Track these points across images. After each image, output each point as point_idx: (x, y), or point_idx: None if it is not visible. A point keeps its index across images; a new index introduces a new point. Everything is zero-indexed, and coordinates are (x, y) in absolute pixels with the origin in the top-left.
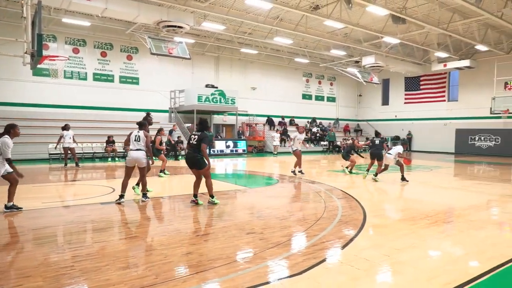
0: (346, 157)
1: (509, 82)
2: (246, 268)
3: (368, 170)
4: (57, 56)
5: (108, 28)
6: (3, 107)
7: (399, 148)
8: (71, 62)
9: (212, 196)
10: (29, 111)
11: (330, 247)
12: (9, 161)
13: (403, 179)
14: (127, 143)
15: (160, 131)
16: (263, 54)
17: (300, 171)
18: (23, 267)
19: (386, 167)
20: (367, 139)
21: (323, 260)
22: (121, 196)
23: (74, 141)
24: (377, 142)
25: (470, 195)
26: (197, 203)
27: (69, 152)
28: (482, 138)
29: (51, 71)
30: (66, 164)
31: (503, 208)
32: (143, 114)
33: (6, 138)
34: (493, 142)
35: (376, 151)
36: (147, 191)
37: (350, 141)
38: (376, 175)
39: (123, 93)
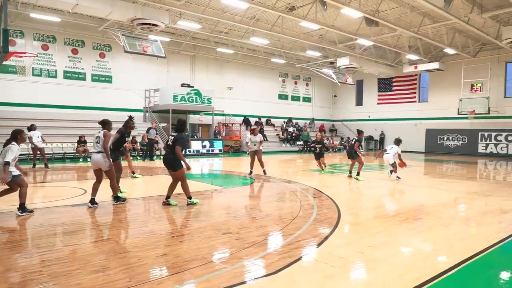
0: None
1: (475, 84)
2: (222, 269)
3: (350, 170)
4: (25, 53)
5: (80, 25)
6: None
7: (397, 149)
8: (40, 59)
9: (189, 198)
10: None
11: (305, 246)
12: (7, 165)
13: (357, 175)
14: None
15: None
16: (239, 54)
17: (250, 172)
18: None
19: (395, 167)
20: (341, 138)
21: (299, 259)
22: (92, 200)
23: (43, 141)
24: (353, 142)
25: (439, 193)
26: (168, 204)
27: (38, 152)
28: (450, 137)
29: (18, 68)
30: (34, 165)
31: (469, 205)
32: (117, 113)
33: (13, 145)
34: (460, 142)
35: (348, 150)
36: (121, 192)
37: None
38: (358, 174)
39: (95, 92)
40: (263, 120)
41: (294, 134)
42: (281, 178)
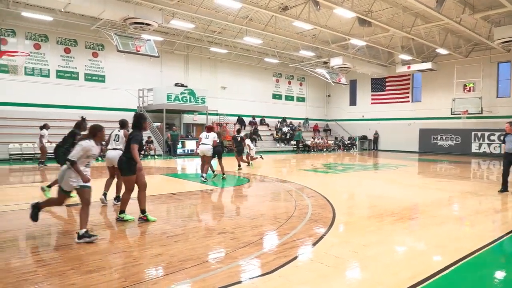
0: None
1: (467, 84)
2: (217, 268)
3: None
4: (16, 52)
5: (72, 24)
6: None
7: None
8: (32, 58)
9: (122, 212)
10: None
11: (300, 245)
12: (73, 164)
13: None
14: (108, 142)
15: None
16: (233, 54)
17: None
18: None
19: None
20: (336, 138)
21: (294, 258)
22: (104, 195)
23: (48, 141)
24: (238, 139)
25: (432, 192)
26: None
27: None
28: (444, 137)
29: (10, 67)
30: (44, 164)
31: (463, 204)
32: (110, 113)
33: (87, 142)
34: (454, 142)
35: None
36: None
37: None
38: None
39: (88, 91)
40: (257, 119)
41: (288, 134)
42: (275, 177)
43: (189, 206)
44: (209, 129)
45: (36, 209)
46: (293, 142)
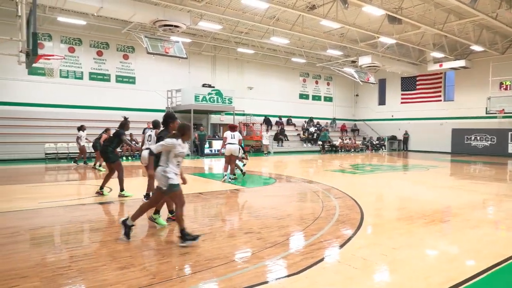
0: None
1: (504, 82)
2: (244, 268)
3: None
4: (53, 55)
5: (104, 27)
6: None
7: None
8: (67, 61)
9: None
10: (25, 111)
11: (327, 247)
12: (151, 155)
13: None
14: (142, 142)
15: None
16: (259, 54)
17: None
18: (20, 267)
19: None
20: (364, 138)
21: (321, 260)
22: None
23: (86, 139)
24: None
25: (466, 194)
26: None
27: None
28: (478, 137)
29: (47, 70)
30: (85, 163)
31: (498, 207)
32: (140, 114)
33: (172, 140)
34: (489, 142)
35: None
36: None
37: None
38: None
39: (119, 93)
40: (284, 119)
41: (315, 134)
42: (302, 178)
43: (216, 206)
44: (233, 128)
45: (127, 227)
46: (319, 143)
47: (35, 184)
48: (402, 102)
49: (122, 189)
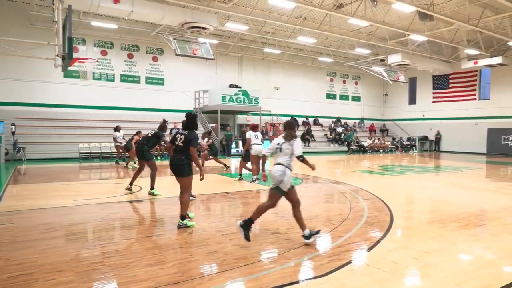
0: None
1: None
2: (270, 268)
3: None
4: (86, 58)
5: (134, 30)
6: (36, 108)
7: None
8: (100, 64)
9: (183, 218)
10: (60, 112)
11: (355, 249)
12: (303, 159)
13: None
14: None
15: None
16: (286, 54)
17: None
18: (56, 261)
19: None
20: (393, 139)
21: (349, 262)
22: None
23: (124, 140)
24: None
25: (503, 198)
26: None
27: (121, 151)
28: None
29: (81, 73)
30: (117, 162)
31: None
32: (169, 114)
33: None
34: None
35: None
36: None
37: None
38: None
39: (148, 94)
40: (311, 120)
41: (342, 134)
42: (329, 179)
43: (243, 206)
44: (255, 128)
45: (246, 229)
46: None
47: (70, 182)
48: (434, 101)
49: (152, 187)
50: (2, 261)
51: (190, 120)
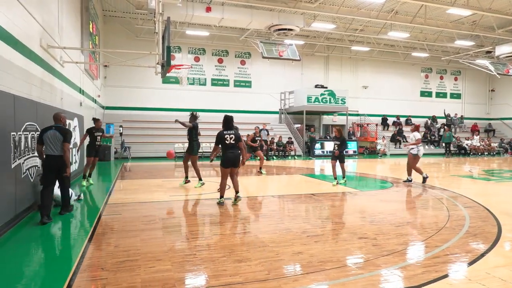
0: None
1: None
2: (358, 274)
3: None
4: (182, 65)
5: (224, 36)
6: (139, 112)
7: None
8: (193, 69)
9: (237, 192)
10: (159, 114)
11: (454, 261)
12: None
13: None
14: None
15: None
16: (375, 51)
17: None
18: (156, 251)
19: None
20: (501, 140)
21: (446, 275)
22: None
23: None
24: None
25: None
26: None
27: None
28: None
29: (179, 79)
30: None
31: None
32: (256, 115)
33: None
34: None
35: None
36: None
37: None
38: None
39: (237, 96)
40: (402, 119)
41: (441, 130)
42: (423, 183)
43: (329, 208)
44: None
45: None
46: (443, 144)
47: (167, 179)
48: None
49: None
50: (112, 247)
51: (231, 121)
